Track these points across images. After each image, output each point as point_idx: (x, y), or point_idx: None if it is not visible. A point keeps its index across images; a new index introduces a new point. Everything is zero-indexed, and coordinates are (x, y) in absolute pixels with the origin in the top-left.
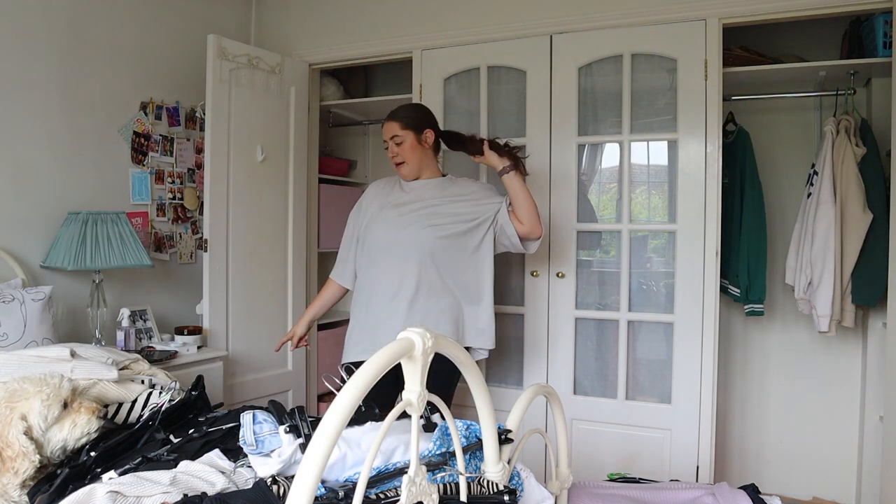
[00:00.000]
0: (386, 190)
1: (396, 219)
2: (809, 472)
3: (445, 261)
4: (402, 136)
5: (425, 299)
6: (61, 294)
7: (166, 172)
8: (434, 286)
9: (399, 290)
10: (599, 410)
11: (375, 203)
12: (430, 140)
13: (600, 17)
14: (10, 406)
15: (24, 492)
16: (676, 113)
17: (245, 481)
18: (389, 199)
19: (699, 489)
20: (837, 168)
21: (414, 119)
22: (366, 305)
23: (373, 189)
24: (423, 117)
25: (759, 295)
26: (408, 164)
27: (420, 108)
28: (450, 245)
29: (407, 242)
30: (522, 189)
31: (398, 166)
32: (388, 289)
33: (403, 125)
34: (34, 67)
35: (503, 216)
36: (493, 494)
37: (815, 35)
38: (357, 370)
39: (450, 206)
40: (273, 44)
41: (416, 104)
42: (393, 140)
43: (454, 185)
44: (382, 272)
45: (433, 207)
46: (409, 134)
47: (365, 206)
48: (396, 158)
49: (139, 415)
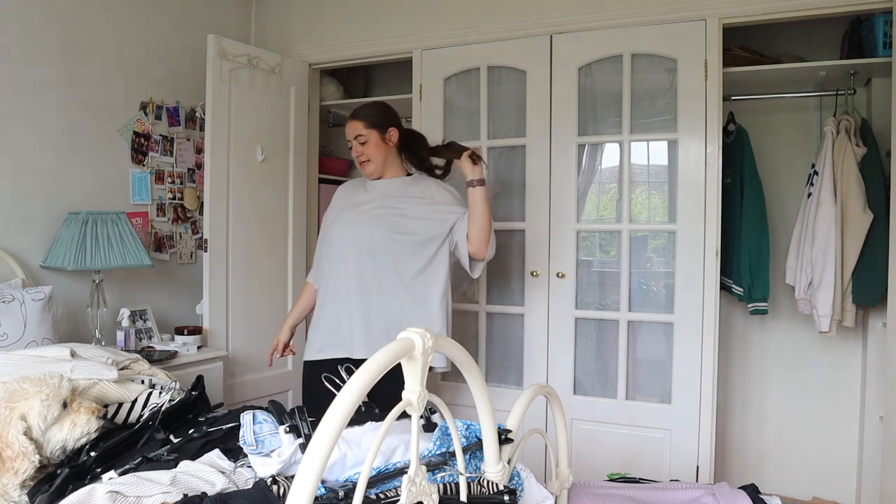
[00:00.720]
0: (353, 191)
1: (353, 219)
2: (809, 472)
3: (400, 263)
4: (367, 134)
5: (378, 301)
6: (61, 294)
7: (166, 172)
8: (386, 289)
9: (351, 291)
10: (599, 410)
11: (339, 204)
12: (394, 139)
13: (600, 17)
14: (9, 406)
15: (24, 492)
16: (676, 113)
17: (245, 481)
18: (351, 199)
19: (699, 489)
20: (837, 168)
21: (378, 118)
22: (322, 305)
23: (342, 190)
24: (387, 116)
25: (762, 293)
26: (372, 162)
27: (384, 107)
28: (404, 248)
29: (361, 243)
30: (485, 206)
31: (362, 165)
32: (342, 289)
33: (368, 124)
34: (34, 67)
35: (460, 230)
36: (493, 494)
37: (815, 35)
38: (357, 370)
39: (409, 206)
40: (273, 44)
41: (380, 102)
42: (357, 139)
43: (416, 186)
44: (338, 273)
45: (391, 207)
46: (373, 133)
47: (332, 209)
48: (361, 157)
49: (139, 415)
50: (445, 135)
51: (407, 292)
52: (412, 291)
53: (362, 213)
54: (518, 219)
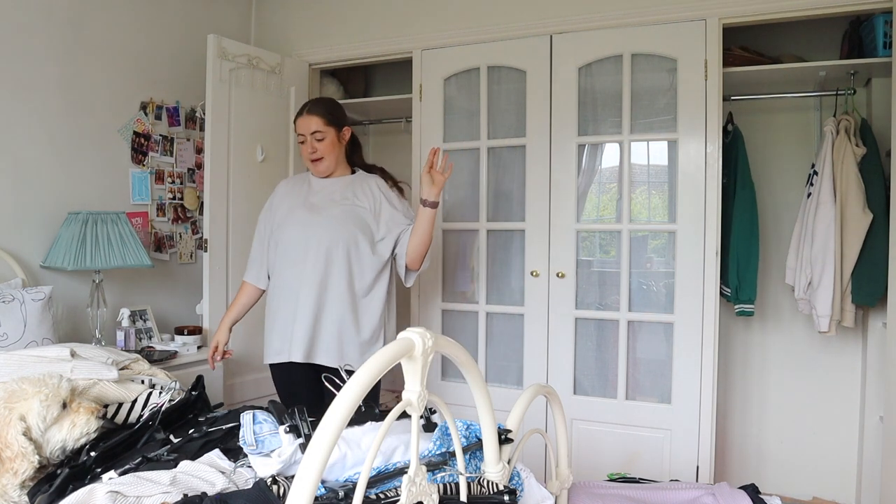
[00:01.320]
0: (296, 188)
1: (307, 219)
2: (809, 472)
3: (353, 266)
4: (325, 132)
5: (331, 303)
6: (61, 294)
7: (166, 172)
8: (339, 291)
9: (302, 293)
10: (599, 410)
11: (286, 203)
12: (346, 137)
13: (600, 17)
14: (9, 406)
15: (24, 492)
16: (676, 113)
17: (245, 481)
18: (300, 199)
19: (699, 489)
20: (837, 168)
21: (336, 116)
22: (277, 307)
23: (282, 188)
24: (343, 115)
25: (748, 295)
26: (326, 160)
27: (338, 105)
28: (360, 248)
29: (318, 243)
30: (431, 227)
31: (315, 162)
32: (295, 291)
33: (327, 121)
34: (34, 67)
35: (403, 243)
36: (493, 494)
37: (815, 35)
38: (357, 370)
39: (362, 206)
40: (273, 44)
41: (331, 99)
42: (313, 136)
43: (363, 184)
44: (291, 274)
45: (347, 207)
46: (331, 130)
47: (275, 206)
48: (315, 154)
49: (139, 415)
50: (445, 135)
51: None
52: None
53: (316, 212)
54: (518, 219)
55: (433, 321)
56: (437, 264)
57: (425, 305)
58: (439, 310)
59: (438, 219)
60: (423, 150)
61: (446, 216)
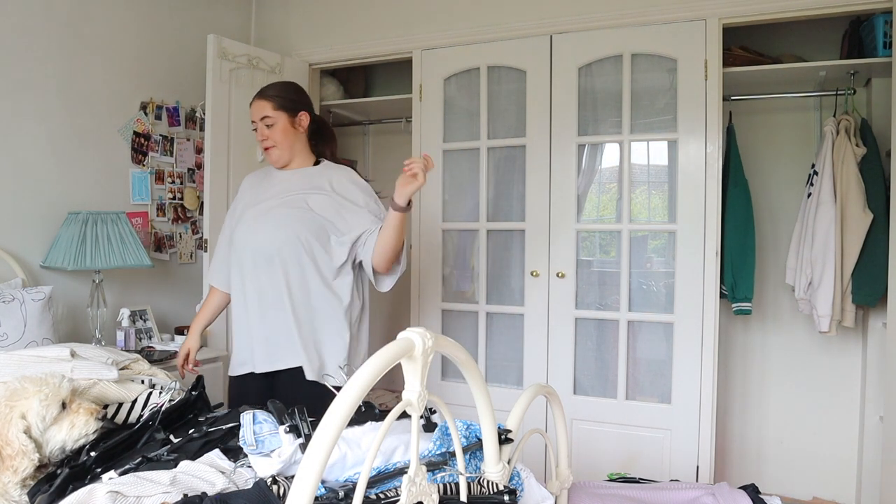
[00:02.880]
0: (256, 183)
1: (254, 218)
2: (809, 472)
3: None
4: (274, 117)
5: (275, 312)
6: (61, 294)
7: (166, 172)
8: (283, 299)
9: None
10: (599, 410)
11: (246, 198)
12: (304, 123)
13: (600, 17)
14: (9, 405)
15: (24, 491)
16: (676, 113)
17: (245, 481)
18: (256, 196)
19: (699, 489)
20: (837, 168)
21: (288, 99)
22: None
23: (246, 182)
24: (299, 98)
25: (745, 293)
26: (278, 148)
27: (295, 88)
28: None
29: (258, 247)
30: (401, 232)
31: (267, 151)
32: (242, 297)
33: (276, 105)
34: (34, 67)
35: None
36: (493, 494)
37: (815, 35)
38: (357, 370)
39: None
40: (273, 44)
41: (290, 82)
42: (263, 121)
43: (323, 176)
44: (241, 278)
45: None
46: (281, 115)
47: (237, 202)
48: (266, 142)
49: (139, 415)
50: (445, 135)
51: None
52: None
53: (263, 210)
54: (518, 219)
55: (433, 321)
56: (437, 264)
57: (425, 305)
58: (439, 310)
59: (438, 219)
60: (424, 150)
61: (446, 216)
